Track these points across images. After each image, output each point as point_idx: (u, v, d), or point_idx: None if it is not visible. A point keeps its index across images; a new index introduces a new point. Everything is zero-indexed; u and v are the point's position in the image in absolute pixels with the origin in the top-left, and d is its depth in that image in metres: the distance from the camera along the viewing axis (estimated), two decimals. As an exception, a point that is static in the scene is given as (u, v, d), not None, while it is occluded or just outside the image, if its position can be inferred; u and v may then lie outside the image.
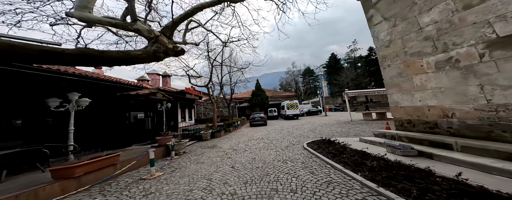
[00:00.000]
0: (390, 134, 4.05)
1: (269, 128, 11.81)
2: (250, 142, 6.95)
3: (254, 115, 14.13)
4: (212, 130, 9.00)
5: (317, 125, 11.50)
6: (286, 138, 7.47)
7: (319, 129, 9.47)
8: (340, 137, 6.59)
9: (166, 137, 5.26)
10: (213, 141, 7.70)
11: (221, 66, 11.25)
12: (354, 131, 7.61)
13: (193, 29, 7.04)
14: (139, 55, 2.95)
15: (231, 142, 7.37)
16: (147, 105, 7.00)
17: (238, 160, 4.46)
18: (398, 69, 4.07)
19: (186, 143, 5.64)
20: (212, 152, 5.61)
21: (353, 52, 37.90)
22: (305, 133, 8.28)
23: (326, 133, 7.78)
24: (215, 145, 6.80)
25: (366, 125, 9.21)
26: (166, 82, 15.10)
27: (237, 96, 25.44)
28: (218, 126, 10.49)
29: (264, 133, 9.31)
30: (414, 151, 3.09)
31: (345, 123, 10.92)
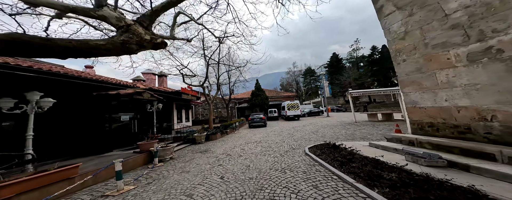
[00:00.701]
0: (408, 138, 3.43)
1: (269, 129, 11.22)
2: (246, 146, 6.37)
3: (253, 115, 13.56)
4: (207, 132, 8.44)
5: (319, 126, 10.87)
6: (286, 141, 6.87)
7: (322, 130, 8.84)
8: (346, 140, 5.97)
9: (149, 142, 4.71)
10: (207, 144, 7.14)
11: (218, 65, 10.74)
12: (360, 134, 6.98)
13: (185, 24, 6.53)
14: (101, 45, 2.41)
15: (226, 145, 6.80)
16: (134, 106, 6.46)
17: (230, 168, 3.89)
18: (417, 64, 3.46)
19: (174, 147, 5.08)
20: (203, 157, 5.04)
21: (356, 52, 37.18)
22: (306, 136, 7.66)
23: (330, 136, 7.16)
24: (208, 149, 6.23)
25: (372, 127, 8.56)
26: (162, 82, 14.64)
27: (236, 97, 24.91)
28: (215, 127, 9.93)
29: (263, 135, 8.72)
30: (443, 161, 2.48)
31: (349, 124, 10.27)
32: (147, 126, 6.95)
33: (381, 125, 8.99)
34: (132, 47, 2.73)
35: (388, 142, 3.93)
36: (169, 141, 6.61)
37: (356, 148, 4.01)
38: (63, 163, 2.98)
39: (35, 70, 3.65)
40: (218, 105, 21.77)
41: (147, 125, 7.02)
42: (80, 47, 2.25)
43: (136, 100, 5.77)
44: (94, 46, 2.35)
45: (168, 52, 7.11)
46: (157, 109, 6.94)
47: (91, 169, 3.40)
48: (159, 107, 7.05)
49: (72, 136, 4.66)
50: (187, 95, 13.54)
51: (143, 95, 5.67)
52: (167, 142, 6.38)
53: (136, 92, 5.32)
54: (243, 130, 11.95)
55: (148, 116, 7.15)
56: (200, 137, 7.44)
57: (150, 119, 6.96)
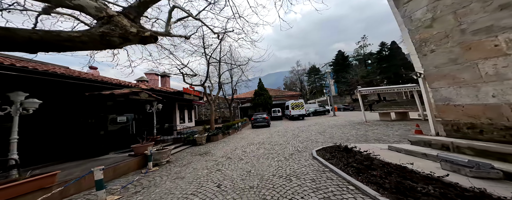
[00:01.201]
0: (440, 142, 2.88)
1: (272, 129, 10.78)
2: (248, 148, 5.98)
3: (256, 115, 13.16)
4: (209, 133, 8.15)
5: (326, 126, 10.27)
6: (291, 142, 6.41)
7: (329, 131, 8.28)
8: (358, 142, 5.42)
9: (144, 144, 4.44)
10: (207, 146, 6.83)
11: (219, 63, 10.44)
12: (373, 135, 6.37)
13: (183, 20, 6.25)
14: (75, 37, 2.10)
15: (227, 147, 6.45)
16: (132, 107, 6.26)
17: (229, 174, 3.51)
18: (451, 54, 2.89)
19: (171, 150, 4.78)
20: (201, 161, 4.70)
21: (363, 49, 35.69)
22: (312, 136, 7.16)
23: (339, 137, 6.61)
24: (208, 152, 5.90)
25: (386, 127, 7.88)
26: (165, 83, 14.61)
27: (239, 97, 24.63)
28: (217, 128, 9.64)
29: (266, 136, 8.30)
30: (497, 172, 1.95)
31: (359, 124, 9.60)
32: (147, 127, 6.76)
33: (396, 125, 8.28)
34: (113, 40, 2.42)
35: (413, 146, 3.38)
36: (169, 143, 6.36)
37: (373, 151, 3.50)
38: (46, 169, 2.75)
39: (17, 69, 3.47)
40: (221, 105, 21.59)
41: (147, 126, 6.83)
42: (49, 39, 1.94)
43: (134, 100, 5.56)
44: (66, 38, 2.04)
45: (168, 51, 6.86)
46: (157, 109, 6.73)
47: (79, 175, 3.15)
48: (159, 107, 6.83)
49: (65, 138, 4.47)
50: (189, 96, 13.38)
51: (140, 95, 5.43)
52: (166, 143, 6.13)
53: (132, 92, 5.08)
54: (246, 130, 11.59)
55: (148, 116, 6.97)
56: (201, 138, 7.15)
57: (150, 119, 6.78)
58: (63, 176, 2.98)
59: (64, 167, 3.81)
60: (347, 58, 38.49)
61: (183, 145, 6.71)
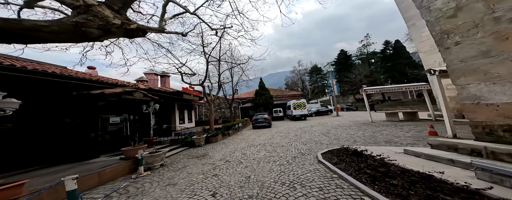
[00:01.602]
0: (469, 146, 2.48)
1: (274, 130, 10.42)
2: (249, 150, 5.65)
3: (257, 115, 12.82)
4: (208, 134, 7.85)
5: (329, 127, 9.87)
6: (294, 144, 6.05)
7: (334, 132, 7.88)
8: (367, 144, 5.03)
9: (135, 147, 4.14)
10: (206, 148, 6.52)
11: (219, 62, 10.16)
12: (382, 136, 5.95)
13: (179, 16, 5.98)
14: (43, 27, 1.82)
15: (226, 149, 6.13)
16: (127, 107, 5.99)
17: (226, 180, 3.19)
18: (481, 46, 2.51)
19: (166, 153, 4.47)
20: (198, 165, 4.39)
21: (366, 48, 34.98)
22: (316, 138, 6.78)
23: (344, 138, 6.21)
24: (206, 154, 5.59)
25: (395, 128, 7.44)
26: (164, 82, 14.43)
27: (240, 97, 24.34)
28: (216, 129, 9.34)
29: (268, 137, 7.96)
30: None
31: (364, 125, 9.17)
32: (144, 128, 6.50)
33: (405, 125, 7.82)
34: (91, 31, 2.13)
35: (434, 150, 2.97)
36: (165, 145, 6.08)
37: (387, 155, 3.13)
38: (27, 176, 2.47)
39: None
40: (221, 105, 21.33)
41: (143, 126, 6.57)
42: (7, 28, 1.67)
43: (128, 100, 5.29)
44: (30, 28, 1.76)
45: (165, 49, 6.60)
46: (154, 109, 6.47)
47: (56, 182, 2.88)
48: (155, 107, 6.57)
49: (52, 141, 4.18)
50: (189, 96, 13.14)
51: (134, 95, 5.16)
52: (162, 145, 5.84)
53: (125, 92, 4.80)
54: (247, 131, 11.26)
55: (144, 117, 6.72)
56: (199, 139, 6.84)
57: (146, 120, 6.51)
58: (43, 183, 2.71)
59: (48, 171, 3.54)
60: (350, 57, 37.83)
61: (180, 146, 6.41)
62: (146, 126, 6.31)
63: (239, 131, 11.09)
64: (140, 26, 2.76)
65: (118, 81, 7.81)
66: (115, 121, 5.38)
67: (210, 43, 9.17)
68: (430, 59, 9.52)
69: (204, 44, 8.99)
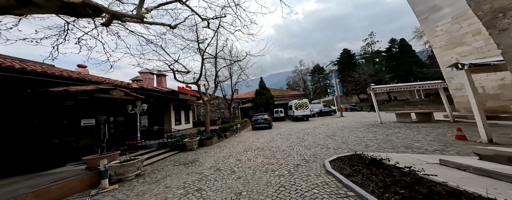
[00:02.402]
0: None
1: (274, 131, 9.73)
2: (245, 155, 4.98)
3: (256, 116, 12.16)
4: (202, 136, 7.22)
5: (334, 128, 9.12)
6: (296, 148, 5.36)
7: (340, 134, 7.15)
8: (383, 150, 4.30)
9: (101, 155, 3.45)
10: (198, 152, 5.87)
11: (216, 59, 9.57)
12: (398, 140, 5.19)
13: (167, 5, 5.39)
14: None
15: (221, 153, 5.48)
16: (108, 107, 5.33)
17: (211, 197, 2.53)
18: None
19: (143, 161, 3.79)
20: (182, 174, 3.73)
21: (370, 46, 33.96)
22: (321, 141, 6.06)
23: (354, 142, 5.48)
24: (195, 160, 4.94)
25: (409, 130, 6.65)
26: (160, 82, 13.93)
27: (239, 97, 23.73)
28: (212, 130, 8.70)
29: (267, 139, 7.28)
30: None
31: (373, 126, 8.39)
32: (131, 130, 5.89)
33: (421, 127, 7.01)
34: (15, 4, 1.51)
35: (487, 163, 2.20)
36: (152, 148, 5.45)
37: (419, 167, 2.41)
38: None
39: None
40: (221, 105, 20.74)
41: (130, 129, 5.97)
42: None
43: (106, 99, 4.66)
44: None
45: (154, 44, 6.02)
46: (142, 110, 5.88)
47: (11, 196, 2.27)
48: (143, 108, 5.99)
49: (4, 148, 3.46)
50: (186, 95, 12.57)
51: (112, 93, 4.51)
52: (147, 150, 5.19)
53: (98, 89, 4.13)
54: (246, 132, 10.60)
55: (131, 118, 6.10)
56: (192, 142, 6.20)
57: (134, 122, 5.91)
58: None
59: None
60: (353, 56, 36.84)
61: (170, 150, 5.78)
62: (133, 128, 5.72)
63: (237, 133, 10.44)
64: (94, 3, 2.09)
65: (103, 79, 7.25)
66: (89, 123, 4.66)
67: (206, 39, 8.58)
68: (446, 55, 8.72)
69: (199, 40, 8.41)
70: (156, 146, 5.66)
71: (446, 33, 8.67)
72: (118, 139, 5.05)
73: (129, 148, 5.02)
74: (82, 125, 4.31)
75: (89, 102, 4.53)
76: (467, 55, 7.75)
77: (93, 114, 4.62)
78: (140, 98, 5.52)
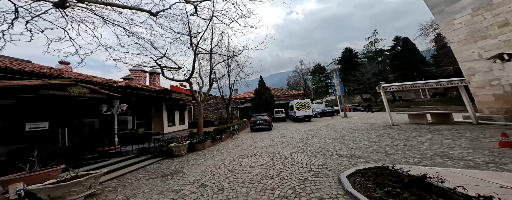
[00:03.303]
0: None
1: (275, 133, 8.90)
2: (239, 164, 4.15)
3: (255, 117, 11.34)
4: (193, 139, 6.39)
5: (341, 130, 8.26)
6: (300, 154, 4.53)
7: (349, 137, 6.30)
8: (411, 160, 3.45)
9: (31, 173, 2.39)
10: (185, 159, 5.03)
11: (211, 55, 8.77)
12: (425, 146, 4.31)
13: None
14: None
15: (211, 161, 4.65)
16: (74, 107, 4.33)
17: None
18: None
19: (99, 176, 2.79)
20: (153, 193, 2.87)
21: (374, 45, 32.99)
22: (329, 146, 5.22)
23: (369, 147, 4.63)
24: (178, 170, 4.10)
25: (430, 133, 5.79)
26: (154, 80, 13.13)
27: (238, 96, 22.92)
28: (206, 133, 7.88)
29: (267, 143, 6.45)
30: None
31: (386, 128, 7.53)
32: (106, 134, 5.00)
33: (443, 130, 6.14)
34: None
35: None
36: (129, 156, 4.56)
37: (499, 197, 1.58)
38: None
39: None
40: (219, 105, 19.93)
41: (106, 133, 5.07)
42: None
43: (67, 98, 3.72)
44: None
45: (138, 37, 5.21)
46: (120, 110, 5.07)
47: None
48: (122, 108, 5.17)
49: None
50: (180, 95, 11.76)
51: (71, 90, 3.49)
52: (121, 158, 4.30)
53: (47, 85, 3.08)
54: (244, 134, 9.77)
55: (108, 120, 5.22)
56: (179, 147, 5.36)
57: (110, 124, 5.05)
58: None
59: None
60: (356, 55, 35.90)
61: (153, 157, 4.94)
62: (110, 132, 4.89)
63: (234, 135, 9.60)
64: None
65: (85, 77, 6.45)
66: (40, 128, 3.66)
67: (199, 33, 7.77)
68: (466, 49, 7.84)
69: (192, 34, 7.61)
70: (136, 152, 4.79)
71: (465, 26, 7.81)
72: (88, 145, 4.23)
73: (100, 156, 4.18)
74: (28, 129, 3.33)
75: (42, 101, 3.59)
76: (492, 49, 6.88)
77: (49, 116, 3.65)
78: (114, 97, 4.68)
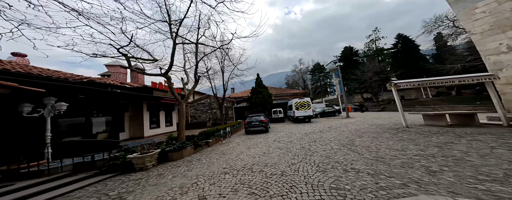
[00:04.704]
0: None
1: (271, 137, 7.70)
2: (218, 184, 2.93)
3: (250, 118, 10.15)
4: (166, 147, 5.11)
5: (347, 133, 7.12)
6: (302, 168, 3.35)
7: (361, 143, 5.14)
8: (471, 183, 2.26)
9: None
10: (145, 176, 3.71)
11: (197, 46, 7.51)
12: (482, 162, 3.12)
13: None
14: None
15: (180, 180, 3.39)
16: None
17: None
18: None
19: None
20: None
21: (375, 43, 32.13)
22: (338, 154, 4.03)
23: (396, 160, 3.45)
24: (120, 197, 2.82)
25: (462, 138, 4.66)
26: (137, 78, 11.74)
27: (234, 96, 21.65)
28: (188, 137, 6.60)
29: (261, 150, 5.25)
30: None
31: (400, 131, 6.41)
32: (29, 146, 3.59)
33: (475, 134, 5.02)
34: None
35: None
36: (59, 174, 3.09)
37: None
38: None
39: None
40: (213, 105, 18.62)
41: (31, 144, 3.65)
42: None
43: None
44: None
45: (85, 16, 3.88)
46: (55, 112, 3.77)
47: None
48: (60, 108, 3.86)
49: None
50: (164, 93, 10.44)
51: None
52: (41, 179, 2.92)
53: None
54: (236, 138, 8.54)
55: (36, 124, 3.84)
56: (142, 159, 4.05)
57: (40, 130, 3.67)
58: None
59: None
60: (356, 53, 35.01)
61: (99, 174, 3.53)
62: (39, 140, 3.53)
63: (225, 139, 8.35)
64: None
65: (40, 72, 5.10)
66: None
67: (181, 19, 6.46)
68: (492, 41, 6.78)
69: (172, 21, 6.34)
70: (71, 167, 3.36)
71: (491, 15, 6.77)
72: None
73: (4, 178, 2.80)
74: None
75: None
76: (526, 38, 5.83)
77: None
78: (35, 92, 3.32)
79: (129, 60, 5.27)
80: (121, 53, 5.02)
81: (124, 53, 5.13)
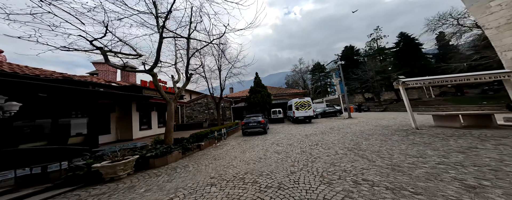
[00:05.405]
0: None
1: (270, 139, 7.11)
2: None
3: (248, 118, 9.56)
4: (149, 152, 4.50)
5: (351, 135, 6.54)
6: (303, 178, 2.76)
7: (368, 147, 4.55)
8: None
9: None
10: (111, 190, 3.07)
11: (188, 41, 6.92)
12: None
13: None
14: None
15: (155, 194, 2.79)
16: None
17: None
18: None
19: None
20: None
21: (376, 42, 31.58)
22: (344, 160, 3.44)
23: (414, 167, 2.86)
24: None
25: (486, 142, 4.07)
26: (127, 76, 11.16)
27: (232, 95, 21.07)
28: (177, 140, 5.99)
29: (257, 154, 4.65)
30: None
31: (411, 134, 5.83)
32: None
33: (498, 138, 4.43)
34: None
35: None
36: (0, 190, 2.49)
37: None
38: None
39: None
40: (210, 105, 18.01)
41: None
42: None
43: None
44: None
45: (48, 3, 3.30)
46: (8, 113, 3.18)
47: None
48: (10, 109, 3.26)
49: None
50: (155, 92, 9.84)
51: None
52: None
53: None
54: (232, 140, 7.94)
55: None
56: (113, 168, 3.41)
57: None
58: None
59: None
60: (357, 52, 34.45)
61: (54, 187, 2.85)
62: None
63: (219, 141, 7.75)
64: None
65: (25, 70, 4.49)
66: None
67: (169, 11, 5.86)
68: (507, 36, 6.21)
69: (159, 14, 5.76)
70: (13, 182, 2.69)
71: (508, 8, 6.21)
72: None
73: None
74: None
75: None
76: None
77: None
78: None
79: (105, 54, 4.67)
80: (95, 46, 4.42)
81: (99, 47, 4.53)
